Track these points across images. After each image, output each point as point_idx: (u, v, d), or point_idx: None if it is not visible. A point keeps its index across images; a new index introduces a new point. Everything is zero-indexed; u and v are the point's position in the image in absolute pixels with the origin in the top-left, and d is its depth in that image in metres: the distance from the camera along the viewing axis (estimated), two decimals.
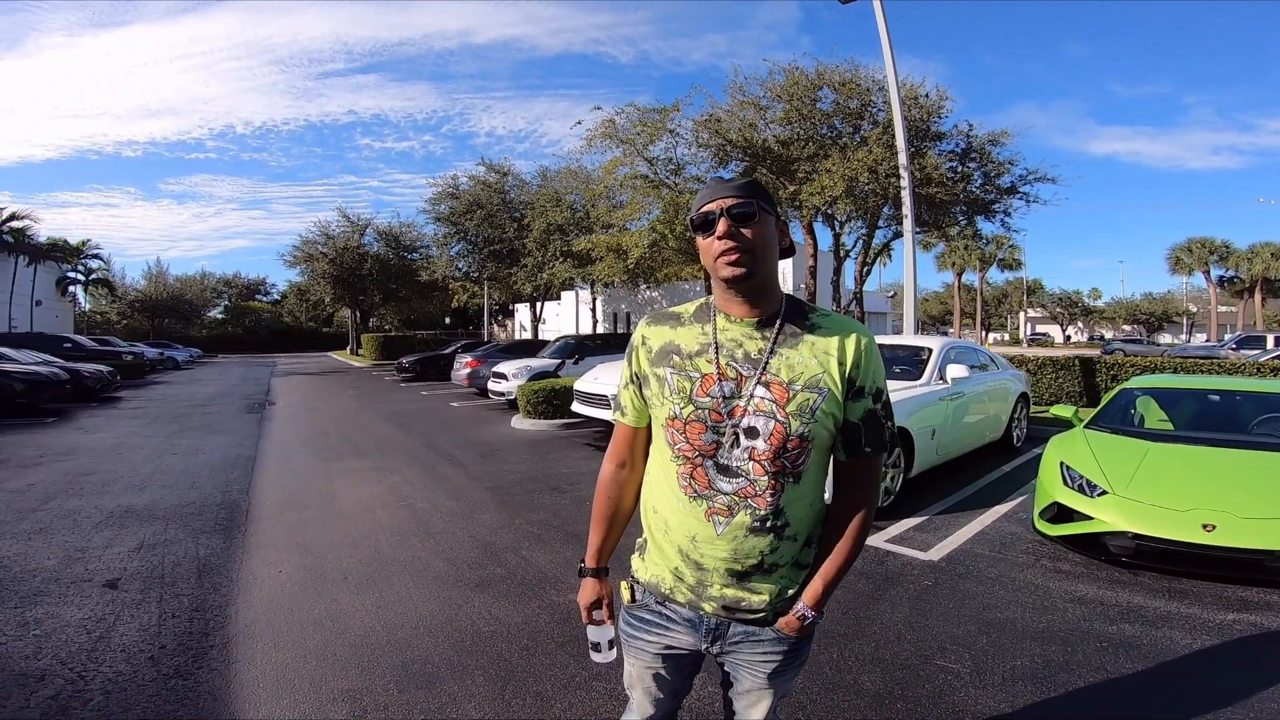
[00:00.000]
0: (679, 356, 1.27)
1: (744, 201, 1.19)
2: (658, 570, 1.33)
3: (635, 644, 1.38)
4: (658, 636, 1.34)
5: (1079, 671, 2.75)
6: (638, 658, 1.39)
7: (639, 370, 1.33)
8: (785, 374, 1.21)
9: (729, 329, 1.26)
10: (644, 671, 1.39)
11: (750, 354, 1.23)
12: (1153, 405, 5.48)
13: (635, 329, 1.38)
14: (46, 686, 2.57)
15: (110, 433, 9.55)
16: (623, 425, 1.40)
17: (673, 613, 1.32)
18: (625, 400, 1.39)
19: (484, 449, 8.20)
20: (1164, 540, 3.64)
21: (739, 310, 1.26)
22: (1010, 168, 14.24)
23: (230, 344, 48.53)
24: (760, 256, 1.21)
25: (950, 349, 6.71)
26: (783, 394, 1.20)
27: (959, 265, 43.73)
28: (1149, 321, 60.65)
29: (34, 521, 4.87)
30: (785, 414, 1.19)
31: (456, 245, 26.47)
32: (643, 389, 1.33)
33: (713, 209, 1.20)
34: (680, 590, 1.29)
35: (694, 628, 1.30)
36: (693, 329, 1.29)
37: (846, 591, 3.57)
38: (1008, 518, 5.00)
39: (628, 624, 1.39)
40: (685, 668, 1.40)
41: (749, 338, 1.24)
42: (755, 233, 1.20)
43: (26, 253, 31.21)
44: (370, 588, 3.68)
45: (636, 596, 1.37)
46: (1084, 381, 11.73)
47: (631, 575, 1.40)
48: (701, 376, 1.23)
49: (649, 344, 1.32)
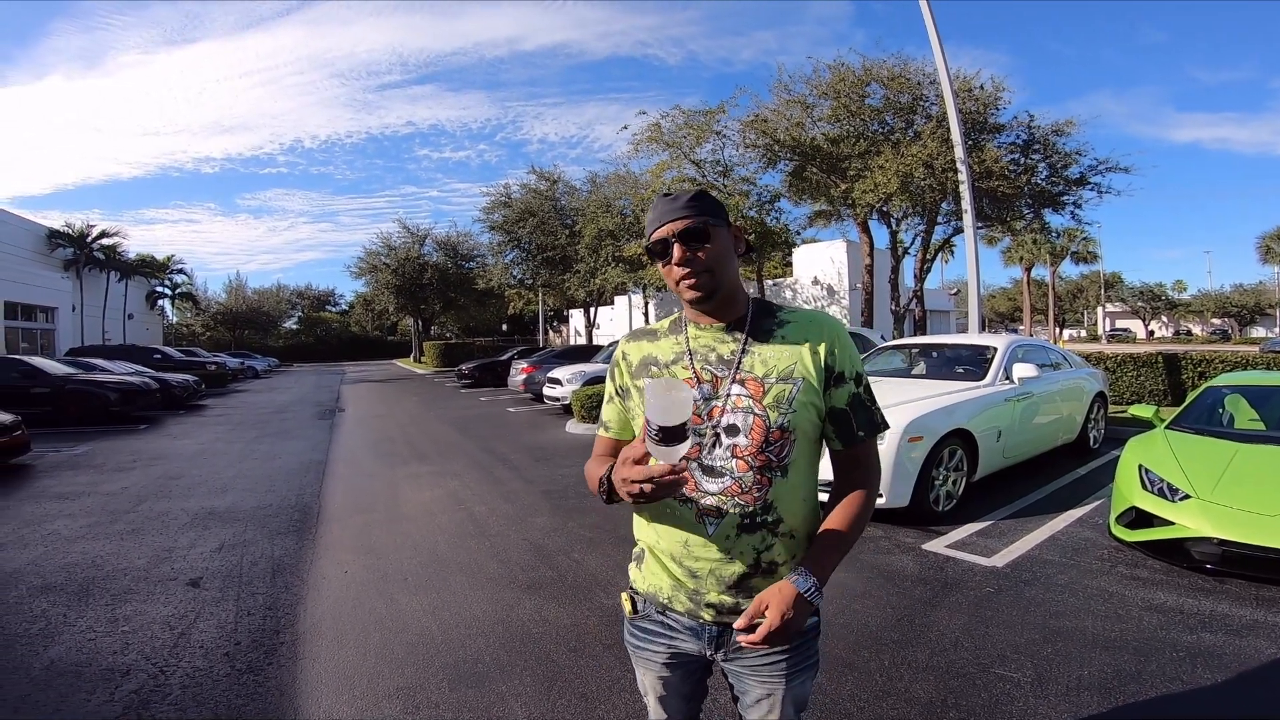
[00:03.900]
0: (656, 366, 1.30)
1: (693, 221, 1.20)
2: (655, 580, 1.33)
3: (642, 654, 1.38)
4: (663, 645, 1.34)
5: (1152, 682, 2.60)
6: (646, 668, 1.39)
7: (622, 384, 1.37)
8: (759, 369, 1.22)
9: (700, 336, 1.29)
10: (655, 681, 1.39)
11: (723, 356, 1.25)
12: (1242, 404, 5.10)
13: (617, 346, 1.42)
14: (130, 681, 2.77)
15: (196, 439, 10.22)
16: (606, 439, 1.42)
17: (674, 621, 1.31)
18: (609, 415, 1.41)
19: (539, 453, 8.35)
20: (1253, 546, 3.40)
21: (707, 320, 1.29)
22: (1078, 158, 13.54)
23: (304, 353, 51.16)
24: (719, 272, 1.23)
25: (1017, 347, 6.43)
26: (758, 388, 1.21)
27: (1027, 260, 41.66)
28: (1240, 315, 56.35)
29: (127, 523, 5.26)
30: (763, 407, 1.20)
31: (510, 253, 27.11)
32: (625, 401, 1.37)
33: (664, 234, 1.22)
34: (678, 599, 1.29)
35: (696, 635, 1.30)
36: (668, 340, 1.33)
37: (901, 597, 3.47)
38: (1082, 523, 4.75)
39: (632, 636, 1.40)
40: (695, 674, 1.39)
41: (720, 341, 1.27)
42: (710, 251, 1.21)
43: (117, 269, 33.64)
44: (428, 588, 3.81)
45: (638, 608, 1.37)
46: (1168, 379, 11.00)
47: (630, 587, 1.40)
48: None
49: (629, 359, 1.36)
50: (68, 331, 28.28)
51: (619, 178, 21.44)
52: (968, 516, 4.89)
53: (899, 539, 4.47)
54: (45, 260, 30.16)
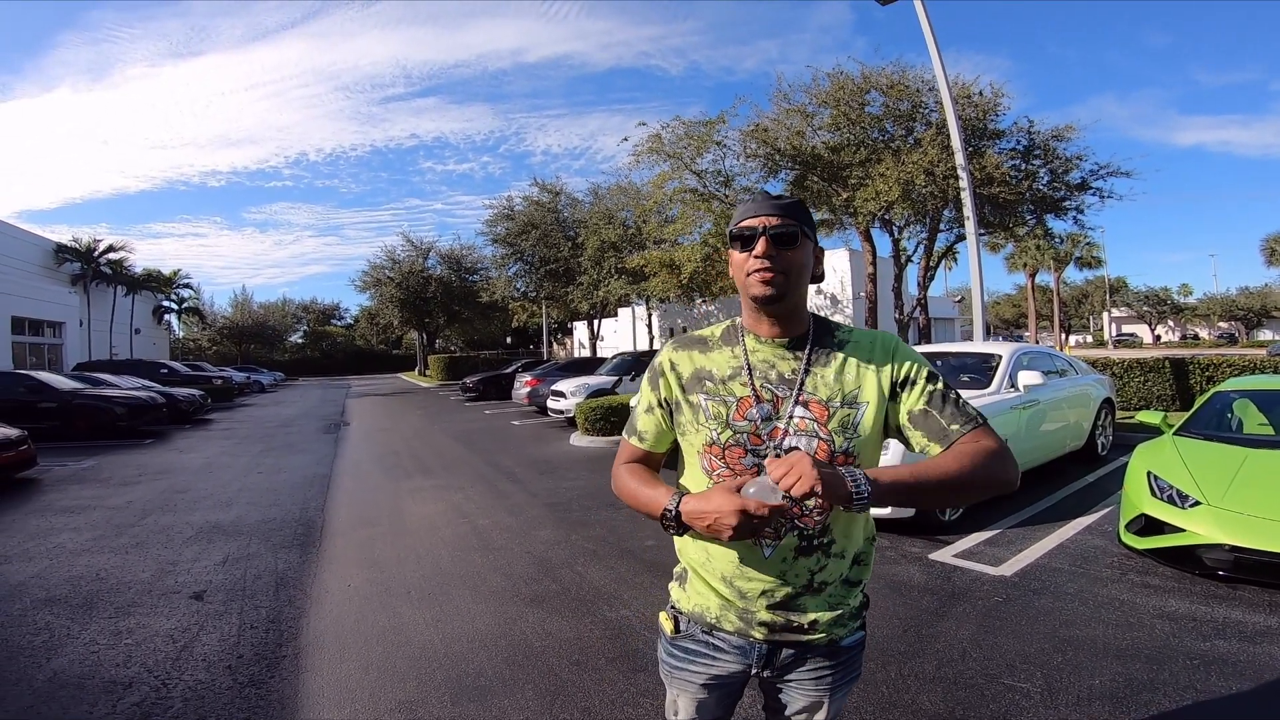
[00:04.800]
0: (712, 382, 1.24)
1: (787, 223, 1.17)
2: (701, 599, 1.29)
3: (679, 675, 1.34)
4: (704, 667, 1.31)
5: (1165, 690, 2.56)
6: (682, 690, 1.35)
7: (669, 397, 1.30)
8: (823, 392, 1.19)
9: (759, 350, 1.24)
10: (689, 702, 1.35)
11: (784, 374, 1.21)
12: (1251, 408, 5.05)
13: (659, 353, 1.36)
14: (133, 693, 2.76)
15: (202, 453, 10.24)
16: (637, 449, 1.37)
17: (721, 641, 1.28)
18: (647, 425, 1.34)
19: (543, 466, 8.34)
20: (1265, 552, 3.36)
21: (767, 331, 1.24)
22: (1079, 163, 13.55)
23: (309, 367, 51.35)
24: (794, 281, 1.19)
25: (1021, 354, 6.40)
26: (822, 412, 1.17)
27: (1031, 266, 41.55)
28: (1246, 318, 56.03)
29: (131, 536, 5.26)
30: (828, 431, 1.17)
31: (514, 266, 27.24)
32: (673, 415, 1.31)
33: (754, 225, 1.18)
34: (727, 618, 1.26)
35: (744, 654, 1.27)
36: (723, 353, 1.27)
37: (908, 607, 3.44)
38: (1091, 530, 4.71)
39: (671, 656, 1.35)
40: (731, 697, 1.36)
41: (781, 358, 1.22)
42: (793, 257, 1.18)
43: (124, 283, 33.76)
44: (431, 602, 3.79)
45: (681, 627, 1.33)
46: (1175, 384, 10.92)
47: (672, 605, 1.36)
48: (737, 400, 1.22)
49: (679, 370, 1.29)
50: (75, 346, 28.45)
51: (620, 189, 21.55)
52: (974, 525, 4.84)
53: (905, 549, 4.43)
54: (53, 275, 30.36)
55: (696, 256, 15.86)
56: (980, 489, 1.14)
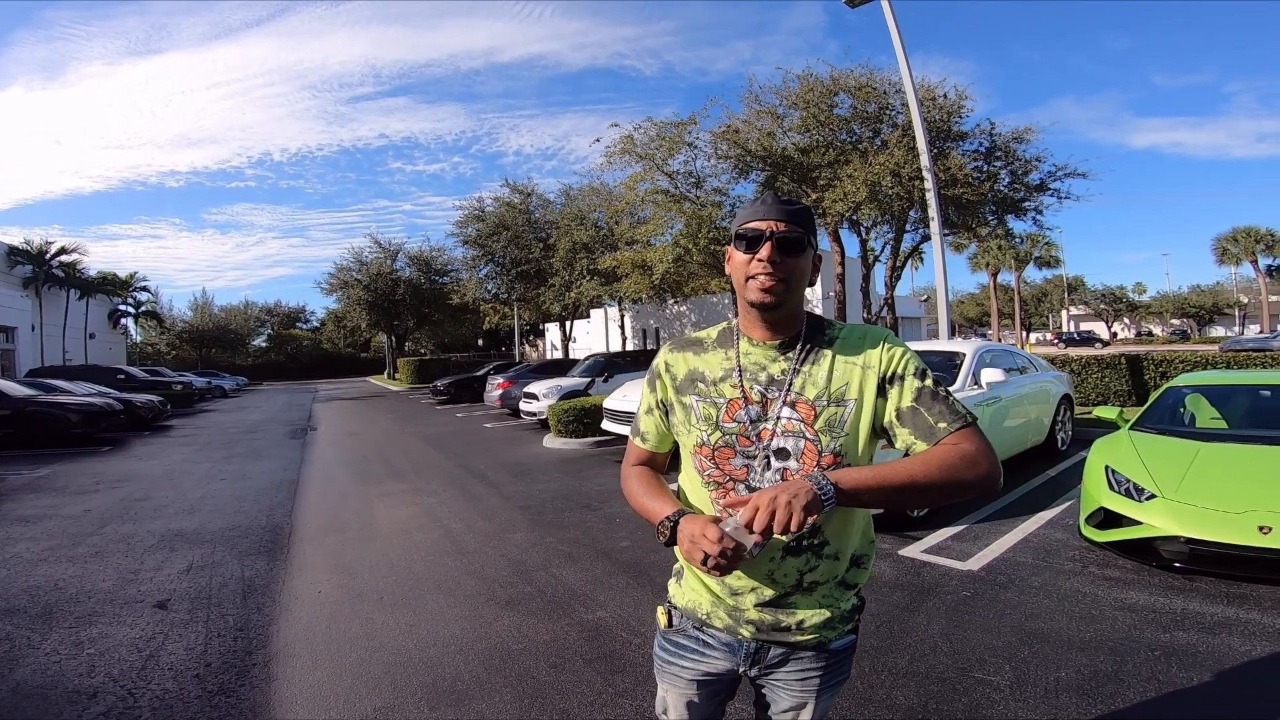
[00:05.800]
0: (704, 384, 1.26)
1: (795, 230, 1.17)
2: (694, 596, 1.32)
3: (670, 670, 1.36)
4: (694, 662, 1.32)
5: (1129, 682, 2.64)
6: (672, 684, 1.37)
7: (664, 398, 1.33)
8: (810, 391, 1.19)
9: (751, 352, 1.25)
10: (677, 698, 1.37)
11: (774, 376, 1.22)
12: (1203, 403, 5.26)
13: (658, 354, 1.38)
14: (98, 704, 2.68)
15: (162, 460, 9.93)
16: (641, 450, 1.40)
17: (710, 637, 1.30)
18: (648, 426, 1.38)
19: (516, 469, 8.28)
20: (1218, 544, 3.49)
21: (761, 334, 1.25)
22: (1038, 165, 13.95)
23: (274, 371, 50.11)
24: (794, 288, 1.20)
25: (984, 353, 6.56)
26: (809, 412, 1.18)
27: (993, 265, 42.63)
28: (1199, 315, 58.29)
29: (90, 545, 5.08)
30: (814, 432, 1.18)
31: (485, 267, 26.99)
32: (669, 416, 1.33)
33: (761, 228, 1.17)
34: (717, 615, 1.28)
35: (732, 651, 1.29)
36: (716, 354, 1.28)
37: (879, 604, 3.50)
38: (1053, 524, 4.84)
39: (663, 649, 1.37)
40: (720, 694, 1.37)
41: (772, 360, 1.23)
42: (796, 264, 1.19)
43: (77, 286, 32.43)
44: (404, 607, 3.74)
45: (674, 622, 1.36)
46: (1132, 380, 11.32)
47: (668, 600, 1.39)
48: (727, 402, 1.23)
49: (673, 371, 1.31)
50: (28, 352, 27.36)
51: (593, 190, 21.50)
52: (942, 521, 4.95)
53: (876, 545, 4.50)
54: (4, 278, 29.12)
55: (668, 257, 15.89)
56: (953, 492, 1.12)
